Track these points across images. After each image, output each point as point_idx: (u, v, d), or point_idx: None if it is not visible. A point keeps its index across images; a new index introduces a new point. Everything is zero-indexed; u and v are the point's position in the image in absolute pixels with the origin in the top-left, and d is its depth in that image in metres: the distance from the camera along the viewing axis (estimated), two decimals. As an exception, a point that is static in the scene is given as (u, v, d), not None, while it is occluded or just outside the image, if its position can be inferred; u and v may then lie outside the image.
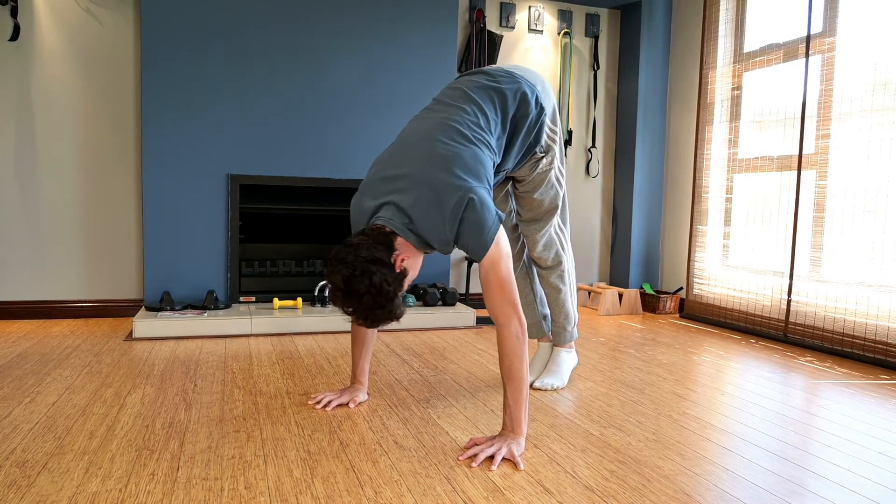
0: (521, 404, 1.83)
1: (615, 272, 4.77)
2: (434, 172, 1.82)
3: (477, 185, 1.83)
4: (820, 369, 2.94)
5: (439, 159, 1.84)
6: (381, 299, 1.73)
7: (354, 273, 1.71)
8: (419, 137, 1.92)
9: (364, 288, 1.71)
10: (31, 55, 3.52)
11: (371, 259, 1.73)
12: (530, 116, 2.09)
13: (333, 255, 1.77)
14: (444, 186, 1.79)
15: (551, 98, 2.21)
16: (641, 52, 4.48)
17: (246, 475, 1.64)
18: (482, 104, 2.01)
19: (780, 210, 3.61)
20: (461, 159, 1.85)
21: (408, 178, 1.84)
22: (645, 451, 1.89)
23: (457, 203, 1.78)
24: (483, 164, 1.89)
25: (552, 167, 2.27)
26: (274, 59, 3.71)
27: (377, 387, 2.46)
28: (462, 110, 1.97)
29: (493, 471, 1.70)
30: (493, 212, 1.81)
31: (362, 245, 1.75)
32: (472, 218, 1.78)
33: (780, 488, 1.64)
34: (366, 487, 1.58)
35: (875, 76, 3.11)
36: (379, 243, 1.77)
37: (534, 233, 2.37)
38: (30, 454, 1.74)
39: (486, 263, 1.82)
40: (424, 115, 2.03)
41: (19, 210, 3.58)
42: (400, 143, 1.96)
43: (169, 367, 2.69)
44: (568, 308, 2.51)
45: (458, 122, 1.94)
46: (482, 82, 2.07)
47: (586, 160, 4.69)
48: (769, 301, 3.67)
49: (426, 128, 1.94)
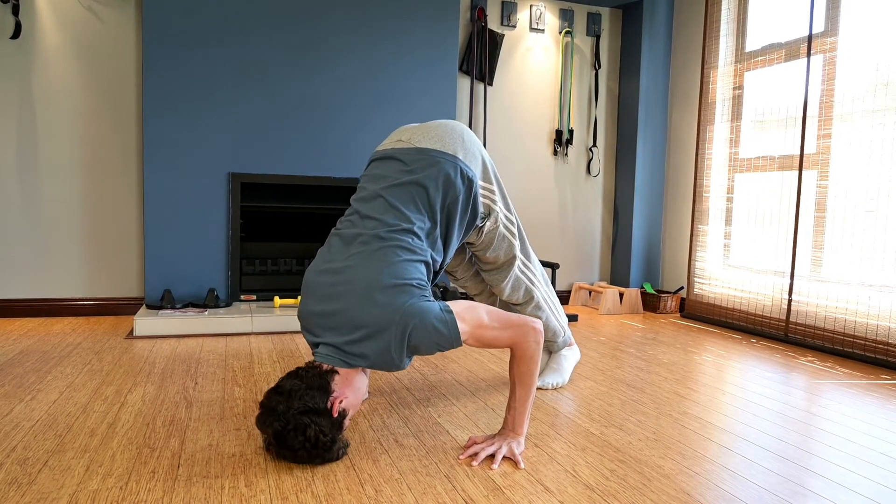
0: (527, 406, 1.83)
1: (616, 271, 4.77)
2: (367, 310, 1.71)
3: (411, 300, 1.73)
4: (821, 369, 2.93)
5: (367, 294, 1.72)
6: (316, 451, 1.64)
7: (287, 427, 1.61)
8: (343, 264, 1.79)
9: (298, 444, 1.62)
10: (32, 53, 3.52)
11: (304, 410, 1.62)
12: (461, 197, 1.94)
13: (265, 402, 1.66)
14: (380, 323, 1.71)
15: (477, 154, 2.04)
16: (643, 51, 4.48)
17: (246, 473, 1.64)
18: (403, 210, 1.85)
19: (782, 210, 3.61)
20: (389, 288, 1.73)
21: (340, 317, 1.74)
22: (645, 450, 1.88)
23: (402, 334, 1.70)
24: (413, 276, 1.78)
25: (497, 224, 2.15)
26: (275, 57, 3.71)
27: (378, 386, 2.46)
28: (382, 223, 1.84)
29: (494, 469, 1.70)
30: (436, 312, 1.72)
31: (294, 393, 1.64)
32: (423, 336, 1.71)
33: (781, 488, 1.64)
34: (366, 486, 1.59)
35: (877, 76, 3.10)
36: (313, 388, 1.66)
37: (498, 282, 2.31)
38: (31, 452, 1.74)
39: (469, 341, 1.78)
40: (344, 230, 1.88)
41: (21, 208, 3.58)
42: (326, 270, 1.81)
43: (170, 365, 2.69)
44: (553, 325, 2.48)
45: (380, 242, 1.81)
46: (397, 178, 1.90)
47: (587, 159, 4.69)
48: (770, 301, 3.66)
49: (350, 254, 1.81)
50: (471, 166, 1.98)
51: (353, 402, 1.76)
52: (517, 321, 1.81)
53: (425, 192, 1.88)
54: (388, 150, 1.99)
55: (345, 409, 1.72)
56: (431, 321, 1.70)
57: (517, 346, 1.81)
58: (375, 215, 1.85)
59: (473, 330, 1.76)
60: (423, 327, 1.70)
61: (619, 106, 4.71)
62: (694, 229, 4.24)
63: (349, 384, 1.75)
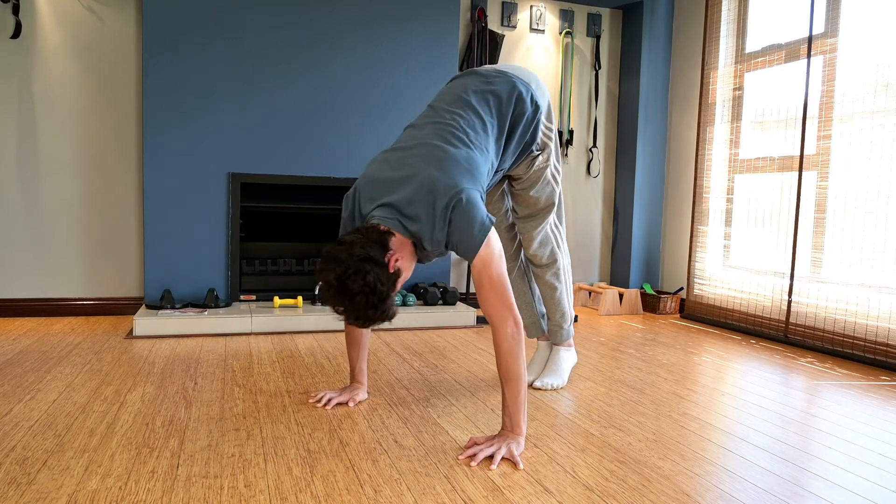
0: (519, 404, 1.83)
1: (616, 272, 4.77)
2: (429, 172, 1.82)
3: (470, 186, 1.83)
4: (820, 370, 2.94)
5: (435, 161, 1.84)
6: (374, 299, 1.69)
7: (348, 272, 1.68)
8: (416, 142, 1.93)
9: (357, 287, 1.67)
10: (32, 53, 3.52)
11: (365, 258, 1.70)
12: (526, 115, 2.10)
13: (326, 252, 1.74)
14: (437, 186, 1.79)
15: (546, 96, 2.21)
16: (643, 51, 4.48)
17: (246, 473, 1.64)
18: (478, 108, 2.02)
19: (781, 211, 3.61)
20: (456, 161, 1.85)
21: (404, 181, 1.84)
22: (645, 451, 1.89)
23: (447, 203, 1.78)
24: (478, 167, 1.90)
25: (548, 164, 2.28)
26: (275, 57, 3.71)
27: (377, 386, 2.46)
28: (458, 115, 1.98)
29: (493, 470, 1.71)
30: (484, 213, 1.81)
31: (356, 243, 1.72)
32: (461, 218, 1.78)
33: (780, 489, 1.64)
34: (365, 486, 1.59)
35: (877, 77, 3.10)
36: (374, 241, 1.74)
37: (530, 230, 2.37)
38: (30, 451, 1.74)
39: (477, 264, 1.81)
40: (420, 122, 2.04)
41: (21, 208, 3.58)
42: (397, 148, 1.96)
43: (169, 365, 2.69)
44: (564, 306, 2.51)
45: (454, 128, 1.95)
46: (477, 85, 2.07)
47: (587, 160, 4.69)
48: (770, 302, 3.66)
49: (422, 134, 1.95)
50: (539, 99, 2.15)
51: (407, 266, 1.86)
52: (509, 300, 1.83)
53: (498, 100, 2.05)
54: (469, 70, 2.18)
55: (399, 268, 1.79)
56: (474, 213, 1.79)
57: (495, 327, 1.82)
58: (454, 109, 2.00)
59: (486, 257, 1.80)
60: (467, 213, 1.78)
61: (619, 106, 4.71)
62: (694, 230, 4.24)
63: (404, 249, 1.85)
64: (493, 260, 1.81)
